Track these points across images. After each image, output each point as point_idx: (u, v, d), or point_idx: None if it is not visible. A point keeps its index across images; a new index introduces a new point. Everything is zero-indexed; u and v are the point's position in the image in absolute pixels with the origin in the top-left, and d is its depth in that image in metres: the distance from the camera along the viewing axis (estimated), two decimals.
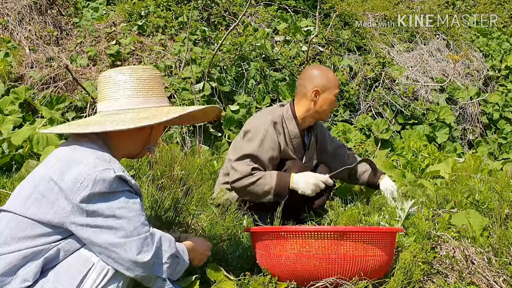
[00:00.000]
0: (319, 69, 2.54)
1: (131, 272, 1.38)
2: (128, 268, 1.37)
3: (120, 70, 1.55)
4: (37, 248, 1.35)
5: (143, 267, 1.38)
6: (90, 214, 1.34)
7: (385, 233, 1.65)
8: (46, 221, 1.35)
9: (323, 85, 2.45)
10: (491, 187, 2.46)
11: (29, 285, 1.33)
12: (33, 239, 1.35)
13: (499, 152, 5.46)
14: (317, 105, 2.47)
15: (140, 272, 1.38)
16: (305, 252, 1.60)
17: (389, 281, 1.69)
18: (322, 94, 2.45)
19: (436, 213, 2.24)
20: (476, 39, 6.72)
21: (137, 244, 1.36)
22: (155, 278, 1.43)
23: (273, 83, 4.71)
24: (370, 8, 6.56)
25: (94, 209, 1.34)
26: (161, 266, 1.43)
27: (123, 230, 1.35)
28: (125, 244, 1.35)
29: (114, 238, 1.35)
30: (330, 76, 2.49)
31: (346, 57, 5.45)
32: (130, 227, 1.36)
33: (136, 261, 1.36)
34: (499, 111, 5.76)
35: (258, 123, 2.44)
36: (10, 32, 4.80)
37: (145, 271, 1.39)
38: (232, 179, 2.36)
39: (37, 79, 4.21)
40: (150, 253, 1.39)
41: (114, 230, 1.35)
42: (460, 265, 1.83)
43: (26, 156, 3.02)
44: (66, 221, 1.35)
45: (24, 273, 1.33)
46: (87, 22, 5.10)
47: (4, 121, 3.59)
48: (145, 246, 1.38)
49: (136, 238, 1.37)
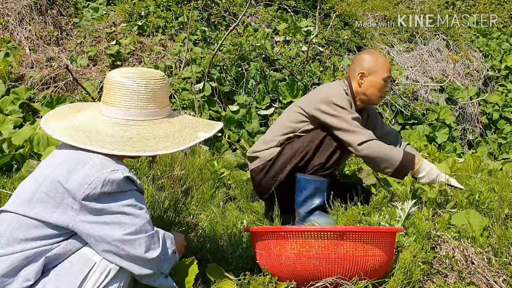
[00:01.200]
0: (370, 52, 2.56)
1: (138, 269, 1.39)
2: (136, 265, 1.38)
3: (134, 78, 1.49)
4: (39, 249, 1.35)
5: (151, 263, 1.39)
6: (99, 211, 1.35)
7: (385, 233, 1.65)
8: (51, 221, 1.35)
9: (369, 67, 2.45)
10: (491, 187, 2.47)
11: (31, 285, 1.34)
12: (35, 240, 1.35)
13: (499, 152, 5.46)
14: (363, 87, 2.46)
15: (148, 268, 1.39)
16: (305, 252, 1.60)
17: (389, 281, 1.69)
18: (368, 76, 2.45)
19: (436, 213, 2.24)
20: (476, 39, 6.72)
21: (145, 242, 1.38)
22: (158, 275, 1.44)
23: (273, 83, 4.71)
24: (370, 8, 6.57)
25: (103, 207, 1.35)
26: (166, 262, 1.45)
27: (132, 226, 1.36)
28: (134, 241, 1.36)
29: (123, 235, 1.35)
30: (380, 60, 2.48)
31: (346, 57, 5.45)
32: (139, 224, 1.37)
33: (144, 258, 1.37)
34: (499, 111, 5.76)
35: (337, 92, 2.43)
36: (10, 32, 4.80)
37: (153, 268, 1.40)
38: (360, 141, 2.30)
39: (37, 79, 4.21)
40: (158, 250, 1.40)
41: (123, 227, 1.36)
42: (459, 265, 1.83)
43: (26, 156, 3.02)
44: (74, 220, 1.35)
45: (25, 273, 1.33)
46: (87, 22, 5.10)
47: (5, 121, 3.59)
48: (153, 243, 1.40)
49: (144, 236, 1.38)
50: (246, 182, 2.96)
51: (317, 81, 4.92)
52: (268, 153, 2.44)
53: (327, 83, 2.75)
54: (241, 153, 3.57)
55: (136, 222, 1.37)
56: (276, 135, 2.48)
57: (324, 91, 2.48)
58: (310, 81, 4.86)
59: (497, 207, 2.19)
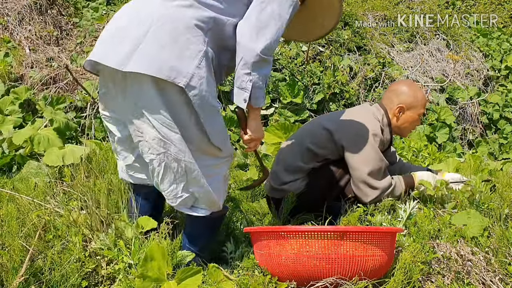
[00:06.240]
0: (409, 85, 2.45)
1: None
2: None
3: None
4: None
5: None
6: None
7: (385, 233, 1.65)
8: None
9: (409, 102, 2.38)
10: (491, 187, 2.47)
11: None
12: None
13: (499, 152, 5.46)
14: (399, 121, 2.42)
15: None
16: (305, 252, 1.60)
17: (389, 281, 1.69)
18: (406, 111, 2.40)
19: (436, 213, 2.24)
20: (476, 39, 6.72)
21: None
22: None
23: (273, 83, 4.71)
24: (370, 8, 6.57)
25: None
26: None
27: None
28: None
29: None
30: (419, 95, 2.41)
31: (346, 57, 5.45)
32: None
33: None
34: (499, 111, 5.76)
35: (370, 127, 2.32)
36: (10, 32, 4.80)
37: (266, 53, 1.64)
38: (371, 198, 2.27)
39: (37, 79, 4.21)
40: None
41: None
42: (458, 265, 1.83)
43: (26, 156, 3.02)
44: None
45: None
46: (87, 22, 5.10)
47: (5, 121, 3.59)
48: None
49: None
50: (246, 182, 2.96)
51: (317, 81, 4.92)
52: (296, 188, 2.39)
53: (361, 109, 2.51)
54: (241, 153, 3.57)
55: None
56: (300, 162, 2.39)
57: (357, 120, 2.35)
58: (310, 81, 4.86)
59: (497, 207, 2.19)
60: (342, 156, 2.32)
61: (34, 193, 2.30)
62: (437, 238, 1.99)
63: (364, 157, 2.25)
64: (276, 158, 2.56)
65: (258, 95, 1.68)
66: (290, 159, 2.42)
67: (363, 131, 2.28)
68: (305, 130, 2.50)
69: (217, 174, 1.77)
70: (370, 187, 2.26)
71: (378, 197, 2.27)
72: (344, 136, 2.29)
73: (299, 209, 2.41)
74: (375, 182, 2.25)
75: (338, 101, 4.97)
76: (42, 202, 2.16)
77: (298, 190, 2.37)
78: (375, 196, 2.26)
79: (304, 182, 2.37)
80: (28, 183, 2.47)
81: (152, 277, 1.59)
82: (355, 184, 2.29)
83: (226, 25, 1.65)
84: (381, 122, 2.38)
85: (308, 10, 2.03)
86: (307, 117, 4.60)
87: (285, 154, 2.48)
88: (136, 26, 1.60)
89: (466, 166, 3.31)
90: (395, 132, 2.49)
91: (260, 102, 1.70)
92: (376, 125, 2.32)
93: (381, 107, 2.43)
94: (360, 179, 2.26)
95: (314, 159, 2.36)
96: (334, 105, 4.92)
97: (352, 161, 2.27)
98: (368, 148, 2.25)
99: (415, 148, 4.00)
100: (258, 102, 1.70)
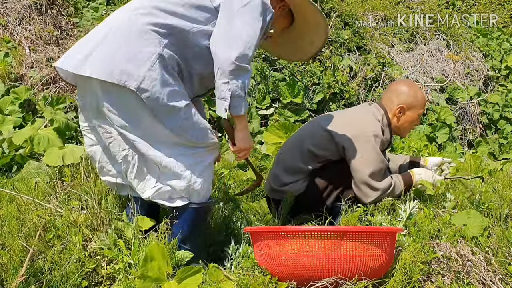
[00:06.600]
0: (409, 85, 2.45)
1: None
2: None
3: None
4: None
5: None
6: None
7: (385, 233, 1.65)
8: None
9: (409, 102, 2.38)
10: (491, 187, 2.47)
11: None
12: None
13: (499, 152, 5.46)
14: (400, 121, 2.42)
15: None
16: (305, 252, 1.60)
17: (389, 281, 1.69)
18: (406, 111, 2.40)
19: (436, 213, 2.24)
20: (476, 39, 6.72)
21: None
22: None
23: (273, 83, 4.71)
24: (370, 8, 6.56)
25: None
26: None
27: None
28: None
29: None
30: (419, 95, 2.41)
31: (346, 57, 5.45)
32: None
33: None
34: (499, 111, 5.76)
35: (371, 129, 2.31)
36: (10, 32, 4.80)
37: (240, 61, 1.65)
38: (371, 199, 2.27)
39: (37, 79, 4.21)
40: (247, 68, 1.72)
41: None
42: (458, 265, 1.83)
43: (26, 156, 3.02)
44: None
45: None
46: (87, 22, 5.10)
47: (4, 121, 3.59)
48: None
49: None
50: (246, 182, 2.96)
51: (317, 81, 4.92)
52: (296, 189, 2.38)
53: (360, 109, 2.55)
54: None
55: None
56: (301, 163, 2.37)
57: (358, 121, 2.35)
58: (310, 81, 4.86)
59: (497, 207, 2.19)
60: (343, 156, 2.32)
61: (34, 193, 2.30)
62: (437, 238, 1.99)
63: (365, 158, 2.25)
64: (276, 159, 2.56)
65: (237, 104, 1.70)
66: (290, 160, 2.42)
67: (365, 132, 2.28)
68: (305, 131, 2.50)
69: (198, 164, 1.77)
70: (371, 188, 2.26)
71: (378, 198, 2.27)
72: (345, 138, 2.29)
73: (299, 210, 2.41)
74: (376, 183, 2.26)
75: (338, 101, 4.97)
76: (42, 202, 2.16)
77: (299, 191, 2.37)
78: (375, 197, 2.26)
79: (305, 183, 2.37)
80: (28, 183, 2.47)
81: (152, 277, 1.59)
82: (356, 185, 2.29)
83: (191, 32, 1.69)
84: (381, 122, 2.38)
85: (296, 30, 2.07)
86: (307, 117, 4.60)
87: (285, 155, 2.47)
88: (96, 34, 1.70)
89: (466, 166, 3.31)
90: (395, 132, 2.49)
91: (239, 110, 1.72)
92: (376, 126, 2.32)
93: (380, 107, 2.43)
94: (361, 180, 2.26)
95: (314, 160, 2.36)
96: (334, 105, 4.92)
97: (353, 162, 2.27)
98: (370, 149, 2.25)
99: (415, 148, 4.00)
100: (237, 110, 1.72)
